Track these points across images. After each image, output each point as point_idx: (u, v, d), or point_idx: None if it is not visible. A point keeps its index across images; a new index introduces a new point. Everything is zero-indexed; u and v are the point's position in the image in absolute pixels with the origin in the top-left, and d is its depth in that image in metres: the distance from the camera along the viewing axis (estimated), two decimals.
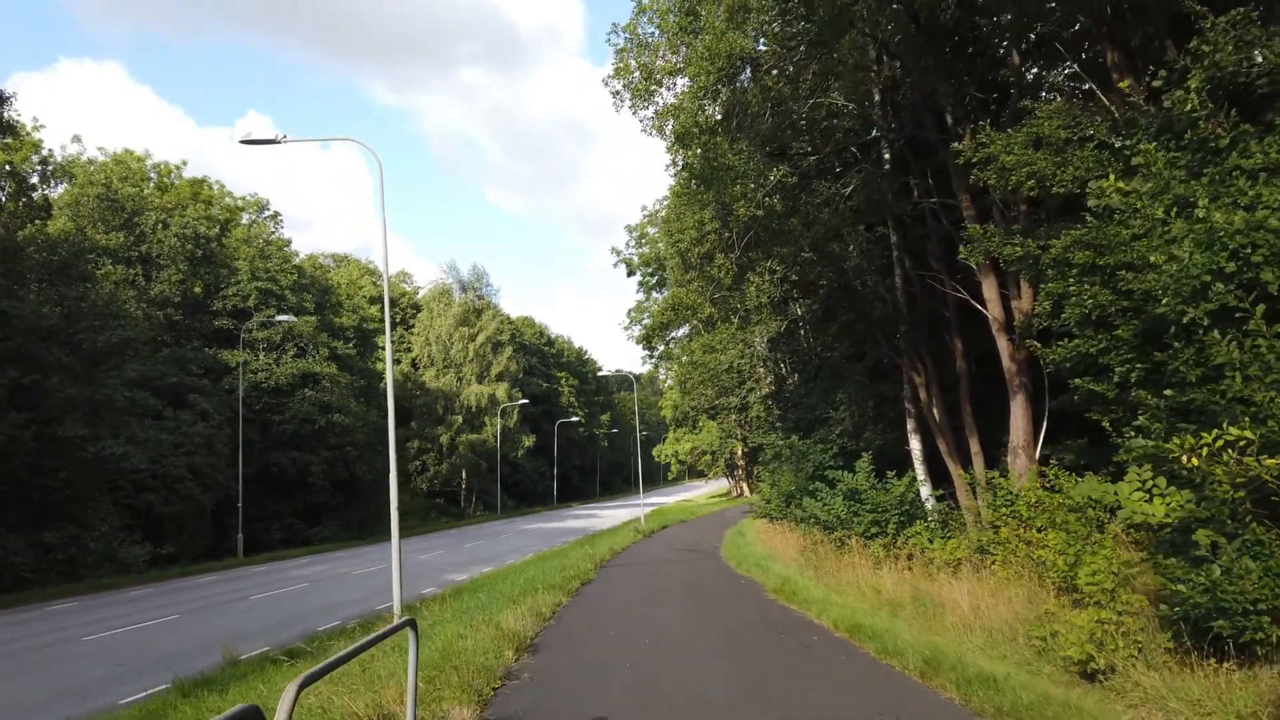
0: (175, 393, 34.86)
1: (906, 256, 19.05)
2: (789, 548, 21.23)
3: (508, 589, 14.47)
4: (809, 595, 12.87)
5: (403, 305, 71.85)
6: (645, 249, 45.49)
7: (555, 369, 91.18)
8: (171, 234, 37.40)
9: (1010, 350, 15.27)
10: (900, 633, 9.12)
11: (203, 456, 33.83)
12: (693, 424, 53.62)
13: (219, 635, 15.64)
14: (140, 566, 27.35)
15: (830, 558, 17.05)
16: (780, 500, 26.48)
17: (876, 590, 13.32)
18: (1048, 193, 11.54)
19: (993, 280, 15.41)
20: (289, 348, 39.80)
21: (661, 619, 11.52)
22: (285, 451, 39.86)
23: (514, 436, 66.08)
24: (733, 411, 42.70)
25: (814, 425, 23.56)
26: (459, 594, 15.63)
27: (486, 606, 11.85)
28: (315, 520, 41.29)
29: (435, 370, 62.17)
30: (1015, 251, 12.09)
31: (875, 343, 20.99)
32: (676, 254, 17.02)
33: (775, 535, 25.21)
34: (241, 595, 21.82)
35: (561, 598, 13.29)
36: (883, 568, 15.57)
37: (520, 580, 16.61)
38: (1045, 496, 12.48)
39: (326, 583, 24.18)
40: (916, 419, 19.81)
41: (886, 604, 11.88)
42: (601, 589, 15.50)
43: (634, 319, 47.23)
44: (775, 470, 29.48)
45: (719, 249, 16.54)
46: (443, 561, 29.34)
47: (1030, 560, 12.25)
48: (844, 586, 14.33)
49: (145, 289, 36.85)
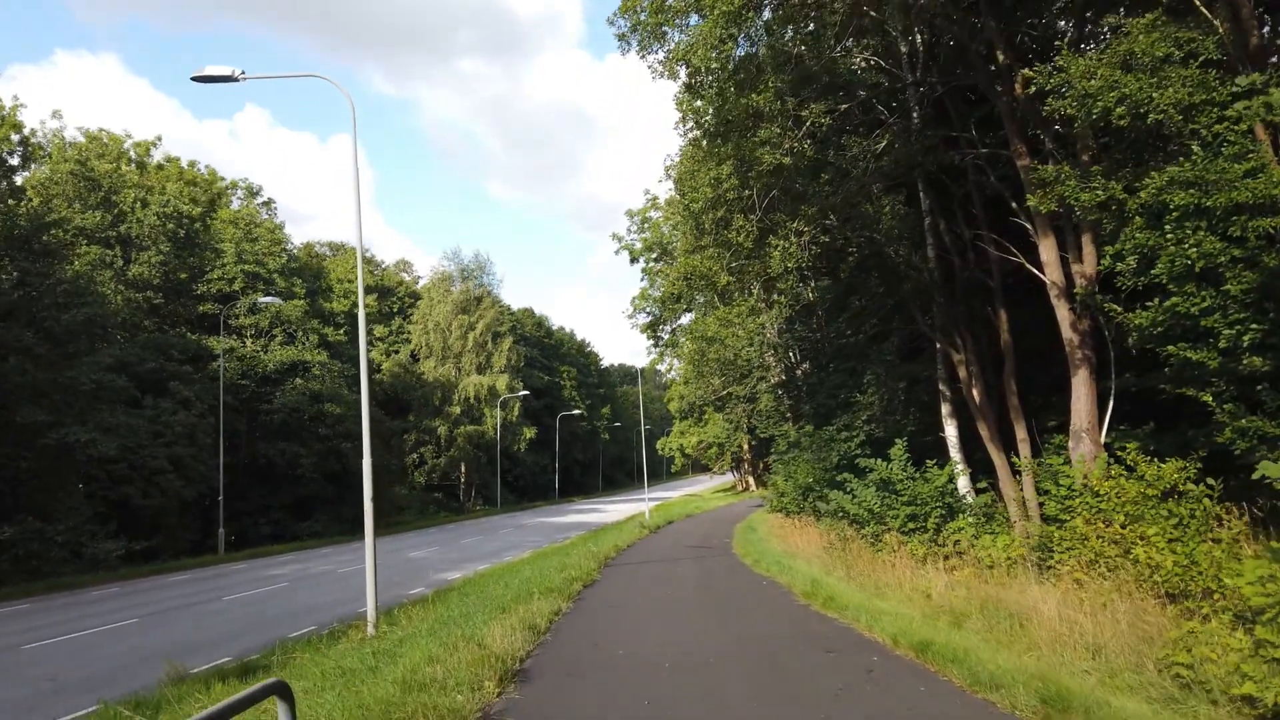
0: (155, 380, 33.07)
1: (942, 220, 17.19)
2: (810, 544, 19.42)
3: (500, 592, 12.65)
4: (848, 601, 11.05)
5: (401, 295, 70.01)
6: (648, 234, 43.64)
7: (557, 361, 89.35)
8: (151, 213, 35.57)
9: (1072, 319, 13.42)
10: (980, 653, 7.29)
11: (184, 447, 32.05)
12: (698, 416, 51.72)
13: (176, 643, 13.92)
14: (112, 563, 25.58)
15: (862, 556, 15.23)
16: (796, 494, 24.70)
17: (925, 595, 11.50)
18: (1139, 124, 9.66)
19: (1051, 241, 13.54)
20: (277, 333, 37.98)
21: (681, 632, 9.67)
22: (274, 443, 38.08)
23: (515, 429, 64.26)
24: (741, 402, 40.86)
25: (835, 412, 21.71)
26: (446, 597, 13.81)
27: (472, 615, 10.04)
28: (306, 514, 39.54)
29: (434, 360, 60.35)
30: (1095, 196, 10.22)
31: (906, 318, 19.14)
32: (689, 217, 15.14)
33: (792, 531, 23.40)
34: (214, 596, 20.05)
35: (561, 604, 11.44)
36: (926, 568, 13.76)
37: (515, 581, 14.80)
38: (1131, 485, 10.65)
39: (309, 582, 22.41)
40: (952, 402, 17.96)
41: (943, 612, 10.05)
42: (607, 593, 13.65)
43: (638, 306, 45.41)
44: (791, 462, 27.69)
45: (738, 209, 14.67)
46: (436, 559, 27.58)
47: (1111, 560, 10.44)
48: (884, 590, 12.50)
49: (123, 270, 35.02)
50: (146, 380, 32.98)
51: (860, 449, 18.93)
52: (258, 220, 38.76)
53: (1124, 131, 10.60)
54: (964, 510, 15.56)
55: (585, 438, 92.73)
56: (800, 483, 24.43)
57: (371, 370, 54.19)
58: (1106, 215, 10.31)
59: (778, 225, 14.78)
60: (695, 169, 15.42)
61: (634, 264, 42.12)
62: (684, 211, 15.64)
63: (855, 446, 18.95)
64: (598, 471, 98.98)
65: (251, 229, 37.81)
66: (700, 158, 15.56)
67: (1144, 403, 15.85)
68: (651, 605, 11.99)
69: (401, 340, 65.04)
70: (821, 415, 22.03)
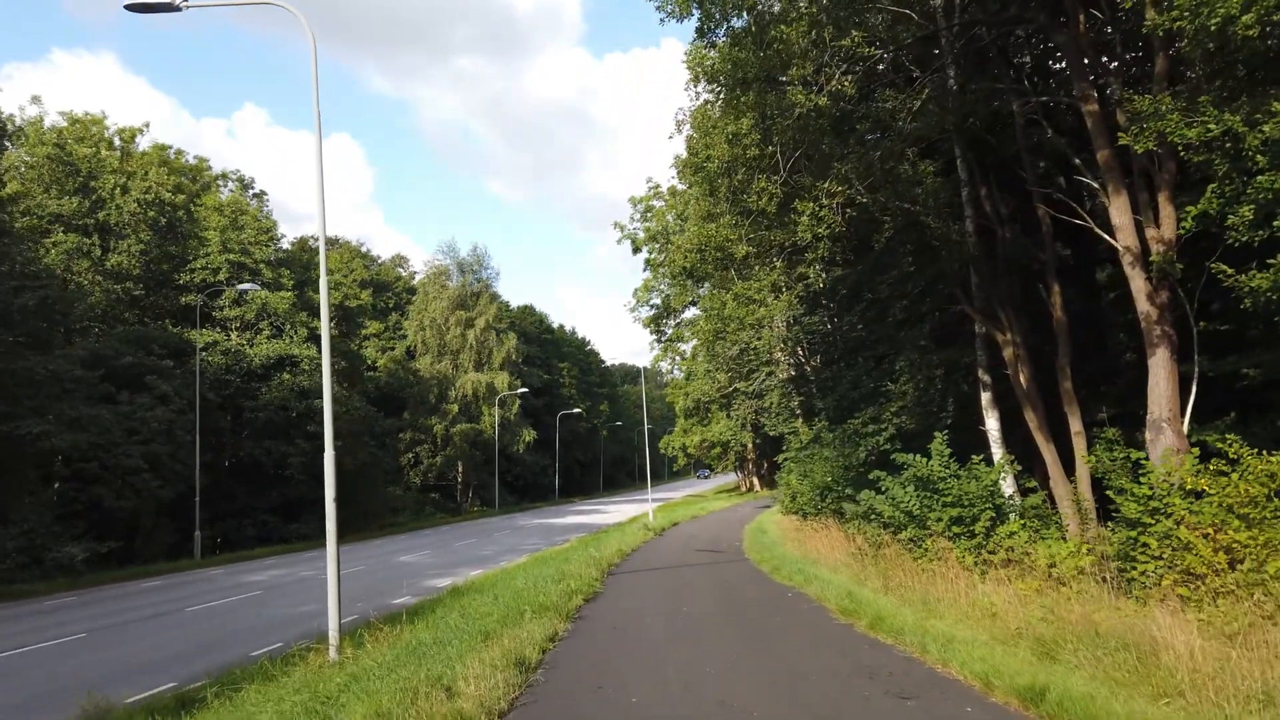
0: (132, 374, 31.27)
1: (983, 187, 15.39)
2: (834, 550, 17.62)
3: (486, 608, 10.84)
4: (899, 621, 9.24)
5: (398, 290, 68.23)
6: (652, 223, 41.88)
7: (557, 359, 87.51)
8: (131, 199, 33.78)
9: (1148, 290, 11.60)
10: (1110, 704, 5.48)
11: (161, 445, 30.24)
12: (702, 415, 49.89)
13: (118, 665, 12.18)
14: (78, 568, 23.79)
15: (899, 564, 13.41)
16: (813, 494, 22.89)
17: (989, 613, 9.68)
18: (1270, 42, 7.86)
19: (1124, 200, 11.73)
20: (264, 326, 36.18)
21: (706, 668, 7.77)
22: (260, 441, 36.28)
23: (514, 429, 62.41)
24: (749, 398, 39.08)
25: (858, 405, 19.89)
26: (425, 613, 12.01)
27: (448, 643, 8.23)
28: (294, 516, 37.73)
29: (430, 357, 58.51)
30: (1204, 131, 8.41)
31: (940, 299, 17.34)
32: (703, 180, 13.33)
33: (809, 535, 21.60)
34: (178, 606, 18.26)
35: (558, 625, 9.61)
36: (980, 579, 11.96)
37: (506, 594, 12.99)
38: (1246, 483, 8.83)
39: (285, 589, 20.62)
40: (993, 390, 16.15)
41: (1021, 637, 8.25)
42: (612, 610, 11.82)
43: (641, 299, 43.62)
44: (807, 460, 25.90)
45: (759, 169, 12.87)
46: (426, 563, 25.82)
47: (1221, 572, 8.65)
48: (935, 606, 10.68)
49: (101, 260, 33.23)
50: (123, 374, 31.19)
51: (890, 443, 17.11)
52: (244, 208, 36.94)
53: (1233, 57, 8.81)
54: (1013, 512, 13.74)
55: (586, 437, 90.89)
56: (818, 482, 22.62)
57: (366, 367, 52.48)
58: (1218, 155, 8.49)
59: (803, 190, 12.97)
60: (710, 127, 13.58)
61: (636, 254, 40.41)
62: (695, 175, 13.81)
63: (885, 441, 17.14)
64: (599, 472, 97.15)
65: (238, 217, 36.01)
66: (713, 121, 13.75)
67: (1221, 390, 14.08)
68: (665, 626, 10.15)
69: (398, 336, 63.24)
70: (845, 407, 20.22)
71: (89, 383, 29.41)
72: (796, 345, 36.28)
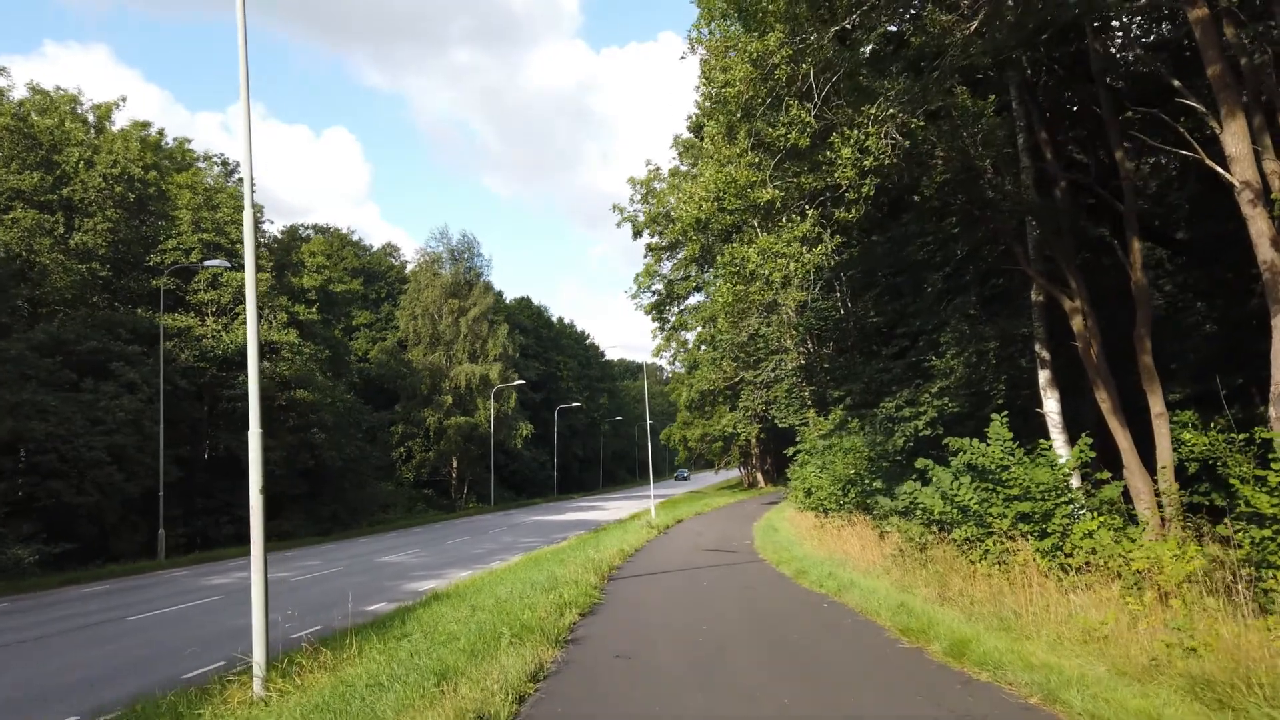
0: (96, 360, 29.09)
1: (1043, 131, 13.24)
2: (865, 551, 15.50)
3: (457, 626, 8.68)
4: (987, 646, 7.10)
5: (390, 279, 66.06)
6: (652, 205, 39.74)
7: (556, 353, 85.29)
8: (97, 174, 31.54)
9: (1272, 233, 9.45)
10: None
11: (127, 436, 28.06)
12: (706, 408, 47.67)
13: (19, 691, 10.09)
14: (27, 569, 21.66)
15: (956, 569, 11.29)
16: (834, 489, 20.80)
17: (1096, 635, 7.56)
18: None
19: (1239, 125, 9.56)
20: (240, 311, 33.91)
21: None
22: (237, 433, 34.00)
23: (510, 422, 60.22)
24: (757, 389, 36.96)
25: (888, 388, 17.76)
26: (388, 630, 9.84)
27: (387, 687, 6.07)
28: (275, 513, 35.47)
29: (423, 347, 56.31)
30: None
31: (987, 265, 15.20)
32: (721, 115, 11.17)
33: (831, 533, 19.49)
34: (121, 614, 16.12)
35: (543, 653, 7.38)
36: (1059, 586, 9.84)
37: (488, 604, 10.86)
38: None
39: (249, 595, 18.43)
40: (1052, 367, 14.01)
41: (1159, 671, 6.13)
42: (614, 629, 9.60)
43: (642, 284, 41.47)
44: (826, 451, 23.80)
45: (790, 96, 10.71)
46: (412, 563, 23.70)
47: None
48: (1018, 623, 8.54)
49: (64, 238, 31.00)
50: (87, 360, 29.02)
51: (930, 428, 14.98)
52: (220, 185, 34.64)
53: None
54: (1087, 507, 11.59)
55: (585, 432, 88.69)
56: (839, 475, 20.52)
57: (358, 358, 50.30)
58: None
59: (840, 123, 10.82)
60: (726, 49, 11.41)
61: (637, 238, 38.23)
62: (712, 110, 11.63)
63: (924, 426, 15.00)
64: (598, 467, 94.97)
65: (213, 195, 33.74)
66: (733, 40, 11.56)
67: None
68: (684, 654, 7.95)
69: (390, 327, 61.04)
70: (873, 391, 18.10)
71: (48, 369, 27.27)
72: (807, 333, 34.25)
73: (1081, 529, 10.89)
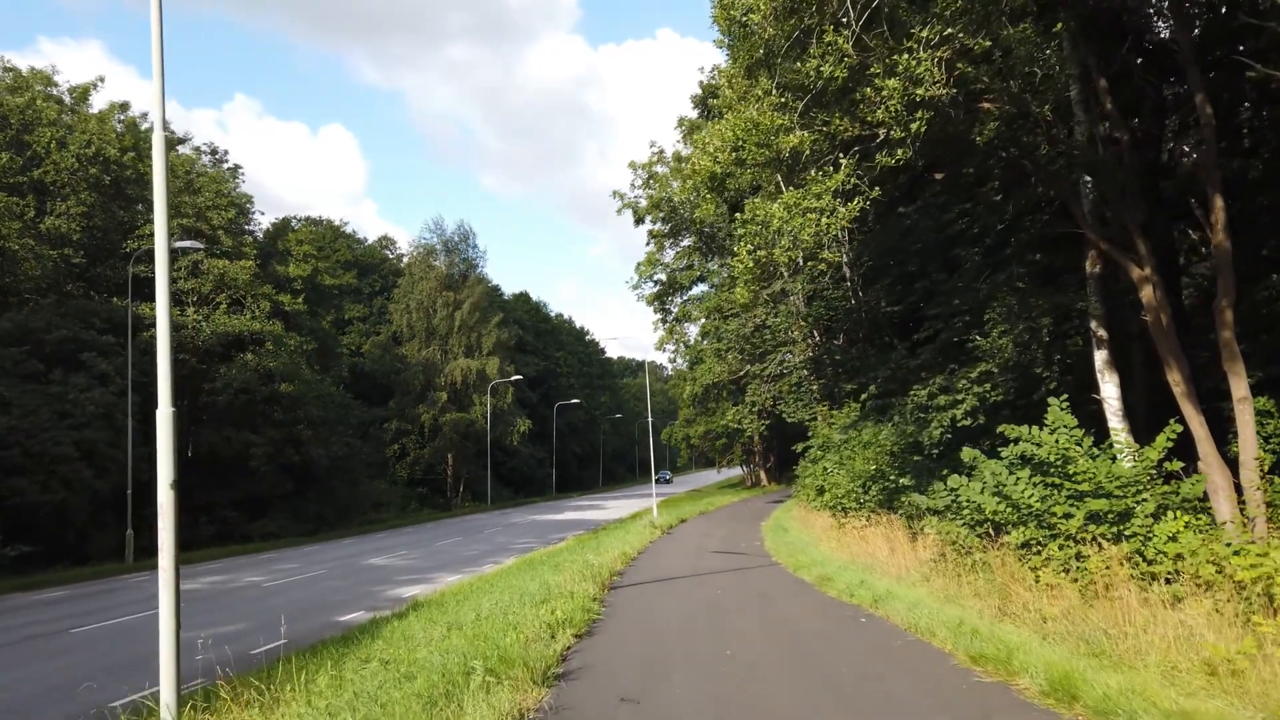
0: (66, 350, 27.46)
1: (1101, 78, 11.62)
2: (897, 554, 13.86)
3: (425, 656, 7.04)
4: (1108, 688, 5.45)
5: (384, 272, 64.39)
6: (654, 191, 38.11)
7: (555, 349, 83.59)
8: (70, 154, 29.87)
9: None
10: None
11: (98, 430, 26.44)
12: (709, 403, 46.00)
13: None
14: None
15: (1017, 578, 9.65)
16: (854, 486, 19.17)
17: (1226, 668, 5.95)
18: None
19: None
20: (221, 300, 32.26)
21: None
22: (219, 429, 32.45)
23: (508, 418, 58.54)
24: (765, 382, 35.35)
25: (917, 375, 16.12)
26: (342, 654, 8.21)
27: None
28: (260, 512, 33.92)
29: (417, 342, 54.63)
30: None
31: (1032, 235, 13.57)
32: (741, 47, 9.54)
33: (851, 535, 17.88)
34: (64, 626, 14.49)
35: (525, 699, 5.60)
36: (1137, 597, 8.22)
37: (470, 617, 9.24)
38: None
39: (214, 602, 16.85)
40: (1111, 348, 12.38)
41: None
42: (618, 656, 7.81)
43: (644, 273, 39.81)
44: (844, 445, 22.19)
45: (825, 22, 9.09)
46: (399, 566, 22.11)
47: None
48: (1112, 647, 6.92)
49: (35, 222, 29.35)
50: (56, 351, 27.39)
51: (969, 418, 13.33)
52: (201, 169, 32.92)
53: None
54: (1168, 505, 9.95)
55: (584, 429, 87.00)
56: (859, 471, 18.90)
57: (351, 352, 48.63)
58: None
59: (879, 55, 9.19)
60: None
61: (639, 225, 36.60)
62: (732, 40, 10.00)
63: (962, 415, 13.36)
64: (598, 465, 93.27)
65: (193, 179, 32.06)
66: None
67: None
68: (705, 695, 6.22)
69: (384, 321, 59.36)
70: (898, 380, 16.48)
71: (13, 359, 25.67)
72: (816, 324, 32.68)
73: (1165, 530, 9.27)
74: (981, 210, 13.94)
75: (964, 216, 14.48)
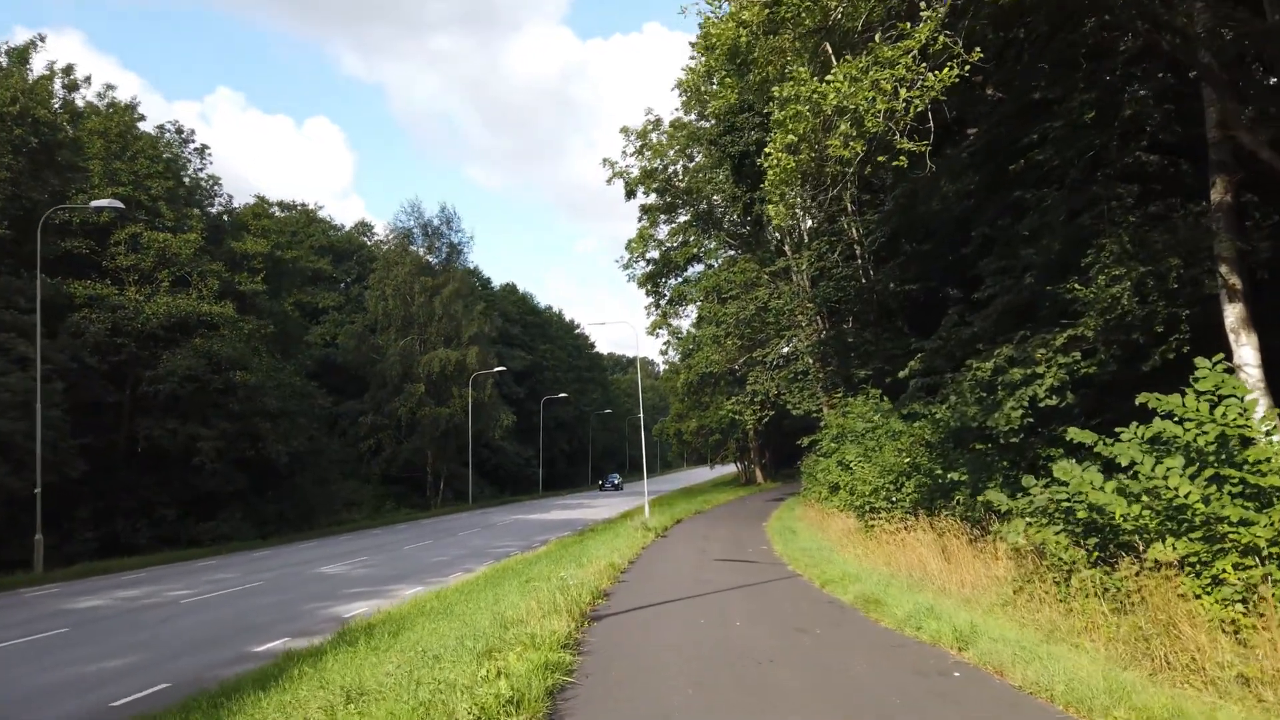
0: None
1: None
2: (956, 569, 10.90)
3: None
4: None
5: (362, 258, 61.06)
6: (647, 160, 35.07)
7: (542, 341, 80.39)
8: None
9: None
10: None
11: (14, 421, 23.20)
12: (704, 396, 43.09)
13: None
14: None
15: (1166, 608, 6.71)
16: (884, 484, 16.29)
17: None
18: None
19: None
20: (163, 277, 28.98)
21: None
22: (162, 420, 29.20)
23: (490, 412, 55.35)
24: (769, 369, 32.45)
25: (965, 349, 13.19)
26: None
27: None
28: (210, 513, 30.69)
29: (394, 331, 51.37)
30: None
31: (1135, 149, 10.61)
32: None
33: (883, 540, 14.92)
34: None
35: None
36: None
37: (409, 656, 6.24)
38: None
39: (110, 624, 13.73)
40: (1245, 298, 9.47)
41: None
42: None
43: (636, 250, 36.76)
44: (867, 436, 19.35)
45: None
46: (354, 576, 19.09)
47: None
48: None
49: None
50: None
51: (1053, 396, 10.39)
52: (136, 132, 29.53)
53: None
54: None
55: (572, 426, 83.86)
56: (891, 466, 16.00)
57: (305, 333, 45.28)
58: None
59: None
60: None
61: (630, 199, 33.62)
62: None
63: (1045, 393, 10.40)
64: (586, 463, 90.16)
65: (128, 142, 28.73)
66: None
67: None
68: None
69: (360, 310, 56.05)
70: (947, 353, 13.54)
71: None
72: (822, 307, 29.85)
73: None
74: (1061, 132, 10.98)
75: (1035, 147, 11.52)
